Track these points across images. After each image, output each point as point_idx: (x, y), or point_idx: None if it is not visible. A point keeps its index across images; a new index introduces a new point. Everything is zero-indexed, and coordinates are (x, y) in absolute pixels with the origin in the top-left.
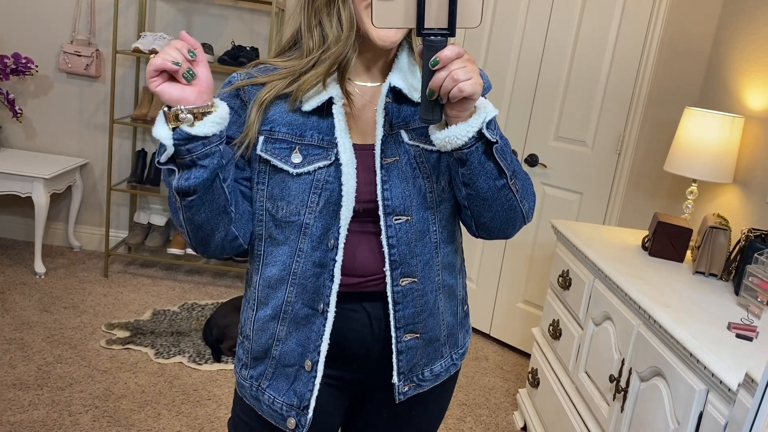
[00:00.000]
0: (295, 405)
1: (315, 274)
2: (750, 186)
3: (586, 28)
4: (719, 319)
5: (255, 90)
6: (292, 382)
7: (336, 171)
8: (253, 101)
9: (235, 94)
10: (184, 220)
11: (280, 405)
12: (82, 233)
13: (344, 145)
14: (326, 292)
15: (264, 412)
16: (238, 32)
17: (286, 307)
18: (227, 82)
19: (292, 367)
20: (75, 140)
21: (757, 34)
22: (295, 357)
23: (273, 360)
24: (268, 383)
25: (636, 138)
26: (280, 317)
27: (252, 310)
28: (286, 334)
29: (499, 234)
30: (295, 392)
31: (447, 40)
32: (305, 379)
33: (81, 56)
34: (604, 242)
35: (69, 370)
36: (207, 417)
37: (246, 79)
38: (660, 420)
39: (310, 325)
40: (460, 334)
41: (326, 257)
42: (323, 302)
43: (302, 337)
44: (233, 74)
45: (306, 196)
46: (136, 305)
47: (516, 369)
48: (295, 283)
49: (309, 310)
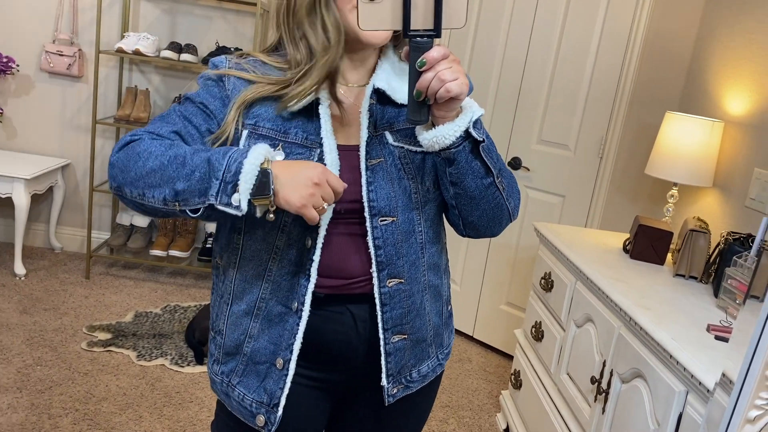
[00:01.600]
0: (264, 402)
1: (291, 273)
2: (729, 190)
3: (570, 32)
4: (699, 321)
5: (240, 85)
6: (263, 379)
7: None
8: (235, 99)
9: (219, 79)
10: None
11: (249, 402)
12: (64, 234)
13: (329, 146)
14: (301, 291)
15: (233, 408)
16: (222, 33)
17: (260, 303)
18: (215, 64)
19: (263, 364)
20: (57, 140)
21: (736, 41)
22: (266, 355)
23: (244, 356)
24: (239, 380)
25: (618, 142)
26: (253, 313)
27: (226, 304)
28: (258, 331)
29: (487, 232)
30: (265, 390)
31: (433, 41)
32: (276, 377)
33: (63, 56)
34: (586, 245)
35: (49, 373)
36: (189, 420)
37: (236, 70)
38: (640, 421)
39: (283, 323)
40: (445, 334)
41: (303, 257)
42: (298, 301)
43: (275, 335)
44: (220, 59)
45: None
46: (118, 307)
47: (499, 371)
48: (270, 280)
49: (283, 308)
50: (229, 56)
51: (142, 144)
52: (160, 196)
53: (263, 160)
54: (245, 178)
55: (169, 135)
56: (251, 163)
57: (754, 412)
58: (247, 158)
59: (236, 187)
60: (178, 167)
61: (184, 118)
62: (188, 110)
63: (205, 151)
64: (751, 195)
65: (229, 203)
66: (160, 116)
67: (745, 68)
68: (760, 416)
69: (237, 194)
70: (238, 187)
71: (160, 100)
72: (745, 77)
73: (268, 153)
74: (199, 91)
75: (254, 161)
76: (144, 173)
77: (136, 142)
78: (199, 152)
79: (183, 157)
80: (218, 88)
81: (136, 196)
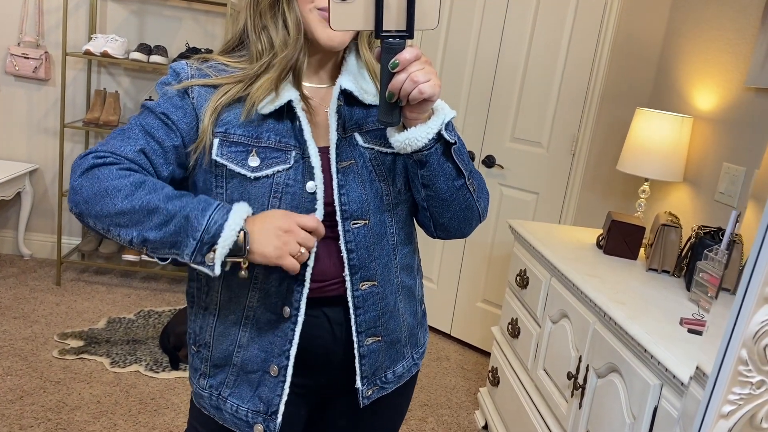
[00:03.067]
0: (261, 411)
1: (278, 279)
2: (699, 184)
3: (540, 32)
4: (672, 314)
5: (206, 92)
6: (256, 388)
7: (296, 174)
8: (207, 106)
9: (184, 92)
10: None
11: (245, 412)
12: (33, 241)
13: (313, 149)
14: (296, 297)
15: (227, 421)
16: (192, 33)
17: (248, 312)
18: (175, 72)
19: (255, 373)
20: (24, 145)
21: (703, 37)
22: (257, 363)
23: (234, 367)
24: (230, 391)
25: (590, 139)
26: (241, 323)
27: (212, 316)
28: (248, 340)
29: (457, 233)
30: (261, 398)
31: (405, 42)
32: (272, 384)
33: (29, 59)
34: (560, 241)
35: (20, 383)
36: (165, 426)
37: (199, 78)
38: (617, 415)
39: (274, 330)
40: (420, 333)
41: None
42: (291, 307)
43: (265, 343)
44: (181, 64)
45: (266, 201)
46: (91, 314)
47: (477, 368)
48: (257, 287)
49: (272, 315)
50: (190, 61)
51: (108, 175)
52: (127, 237)
53: (243, 223)
54: (224, 243)
55: (135, 156)
56: (232, 228)
57: (728, 408)
58: (227, 221)
59: (213, 248)
60: (149, 214)
61: (146, 132)
62: (149, 123)
63: (178, 198)
64: (720, 189)
65: (202, 262)
66: (121, 130)
67: (712, 64)
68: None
69: (212, 254)
70: (215, 248)
71: (130, 102)
72: (712, 73)
73: (248, 212)
74: (159, 100)
75: (235, 226)
76: (112, 213)
77: (101, 170)
78: (172, 199)
79: (156, 205)
80: (180, 98)
81: (100, 229)
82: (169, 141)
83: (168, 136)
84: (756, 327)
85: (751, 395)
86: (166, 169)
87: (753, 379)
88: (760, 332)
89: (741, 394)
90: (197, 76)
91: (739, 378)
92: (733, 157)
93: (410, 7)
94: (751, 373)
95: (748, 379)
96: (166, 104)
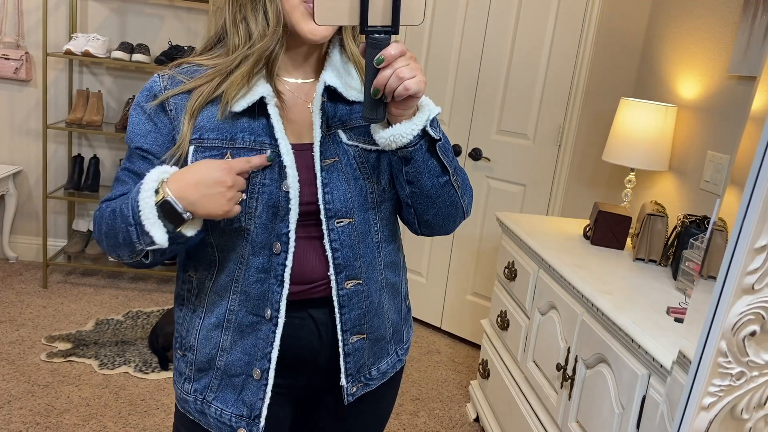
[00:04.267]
0: (245, 415)
1: (258, 281)
2: (684, 173)
3: (524, 23)
4: (659, 304)
5: (181, 100)
6: (240, 392)
7: (272, 173)
8: (183, 113)
9: (161, 108)
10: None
11: (228, 416)
12: (18, 243)
13: (285, 147)
14: (275, 298)
15: (211, 425)
16: (174, 32)
17: (229, 315)
18: (148, 88)
19: (239, 377)
20: (6, 147)
21: (686, 26)
22: (241, 366)
23: (218, 371)
24: (214, 395)
25: (575, 129)
26: (223, 326)
27: (199, 318)
28: (230, 343)
29: (441, 230)
30: (244, 402)
31: (391, 37)
32: (254, 388)
33: (9, 59)
34: (547, 233)
35: (7, 387)
36: (156, 427)
37: (171, 88)
38: (606, 405)
39: (256, 332)
40: (404, 329)
41: (270, 263)
42: (271, 308)
43: (248, 346)
44: (154, 78)
45: (243, 202)
46: (78, 316)
47: (467, 361)
48: (237, 290)
49: (254, 318)
50: (163, 72)
51: (99, 212)
52: (124, 255)
53: (156, 187)
54: (145, 214)
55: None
56: (144, 198)
57: (708, 399)
58: (139, 193)
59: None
60: (112, 225)
61: (135, 174)
62: (134, 163)
63: (123, 200)
64: (705, 177)
65: (152, 242)
66: (115, 179)
67: (695, 52)
68: (713, 403)
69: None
70: (144, 222)
71: (114, 102)
72: (695, 62)
73: (160, 176)
74: (132, 129)
75: (145, 194)
76: (103, 240)
77: (98, 213)
78: (120, 203)
79: (113, 212)
80: (149, 118)
81: (115, 257)
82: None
83: (148, 168)
84: (735, 318)
85: (731, 386)
86: None
87: (733, 370)
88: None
89: (721, 385)
90: (170, 86)
91: (719, 370)
92: (717, 145)
93: (396, 2)
94: (731, 364)
95: (727, 370)
96: (138, 137)
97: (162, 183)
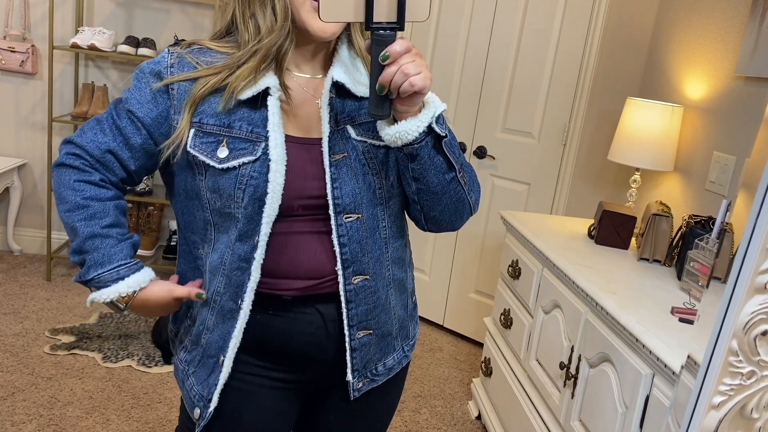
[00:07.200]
0: (204, 396)
1: (239, 268)
2: (690, 173)
3: (531, 21)
4: (663, 304)
5: (187, 85)
6: (210, 373)
7: (261, 167)
8: (187, 100)
9: (164, 89)
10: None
11: (195, 393)
12: (23, 236)
13: (276, 140)
14: (243, 289)
15: (184, 397)
16: (181, 26)
17: (215, 296)
18: (156, 62)
19: (213, 358)
20: (11, 140)
21: (693, 26)
22: (216, 348)
23: (201, 348)
24: (193, 370)
25: (581, 129)
26: (210, 305)
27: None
28: (213, 324)
29: (448, 226)
30: (208, 383)
31: (396, 34)
32: (217, 373)
33: (15, 52)
34: (552, 232)
35: (11, 379)
36: (158, 420)
37: (178, 68)
38: (609, 405)
39: (233, 320)
40: (411, 325)
41: (252, 253)
42: (240, 299)
43: (224, 331)
44: (163, 53)
45: (232, 192)
46: (82, 309)
47: (470, 359)
48: (224, 273)
49: (233, 305)
50: (171, 49)
51: (66, 181)
52: (69, 246)
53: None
54: (99, 297)
55: (101, 155)
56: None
57: (718, 398)
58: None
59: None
60: (73, 236)
61: (117, 128)
62: (121, 119)
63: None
64: (710, 178)
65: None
66: (97, 121)
67: (702, 53)
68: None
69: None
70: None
71: (119, 95)
72: (702, 62)
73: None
74: (131, 93)
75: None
76: (60, 217)
77: (65, 172)
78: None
79: (79, 233)
80: (152, 93)
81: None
82: (136, 139)
83: (134, 134)
84: (746, 317)
85: (742, 386)
86: (133, 163)
87: (743, 369)
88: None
89: (731, 384)
90: (177, 65)
91: (730, 369)
92: (723, 146)
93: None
94: (742, 363)
95: (738, 369)
96: (134, 100)
97: (131, 295)
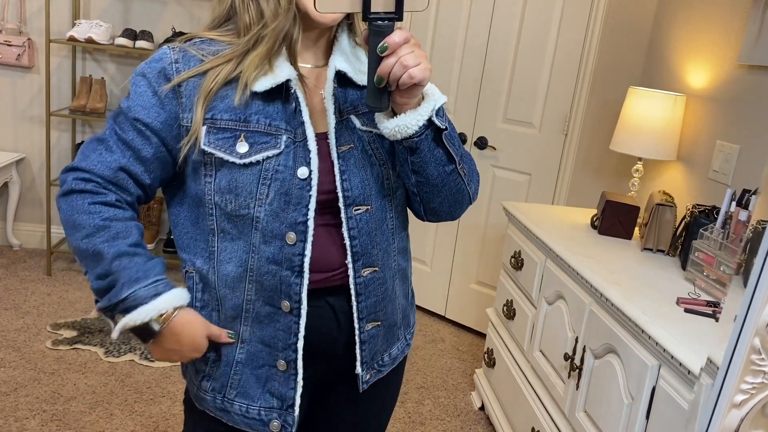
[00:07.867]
0: (276, 407)
1: (270, 272)
2: (693, 162)
3: (531, 10)
4: (668, 294)
5: (195, 80)
6: (264, 384)
7: (286, 160)
8: (198, 96)
9: (171, 89)
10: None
11: (256, 411)
12: (22, 231)
13: (311, 133)
14: (294, 290)
15: (237, 423)
16: (178, 17)
17: (247, 306)
18: (157, 60)
19: (262, 368)
20: (9, 135)
21: (695, 14)
22: (263, 358)
23: (239, 365)
24: (236, 392)
25: (582, 118)
26: (242, 317)
27: (215, 311)
28: (249, 334)
29: (447, 216)
30: (272, 393)
31: (394, 24)
32: (282, 379)
33: (12, 46)
34: (554, 222)
35: (13, 374)
36: (162, 414)
37: (183, 64)
38: (614, 396)
39: (275, 323)
40: (411, 314)
41: (282, 253)
42: (291, 300)
43: (267, 337)
44: (163, 50)
45: (255, 188)
46: (83, 303)
47: (472, 349)
48: (253, 280)
49: (270, 309)
50: (173, 45)
51: (79, 207)
52: (83, 269)
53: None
54: (131, 319)
55: (113, 175)
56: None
57: (740, 397)
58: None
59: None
60: (96, 262)
61: (124, 143)
62: (126, 132)
63: (128, 257)
64: (714, 167)
65: (112, 318)
66: (99, 140)
67: (705, 41)
68: (745, 400)
69: (119, 318)
70: (120, 318)
71: (117, 89)
72: (705, 50)
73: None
74: (132, 100)
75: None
76: (73, 246)
77: (75, 198)
78: (121, 257)
79: (104, 257)
80: (157, 96)
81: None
82: (147, 150)
83: (144, 145)
84: None
85: (764, 384)
86: (148, 177)
87: (766, 368)
88: None
89: (753, 383)
90: (182, 61)
91: (752, 367)
92: (726, 134)
93: None
94: (764, 361)
95: (761, 368)
96: (138, 106)
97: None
